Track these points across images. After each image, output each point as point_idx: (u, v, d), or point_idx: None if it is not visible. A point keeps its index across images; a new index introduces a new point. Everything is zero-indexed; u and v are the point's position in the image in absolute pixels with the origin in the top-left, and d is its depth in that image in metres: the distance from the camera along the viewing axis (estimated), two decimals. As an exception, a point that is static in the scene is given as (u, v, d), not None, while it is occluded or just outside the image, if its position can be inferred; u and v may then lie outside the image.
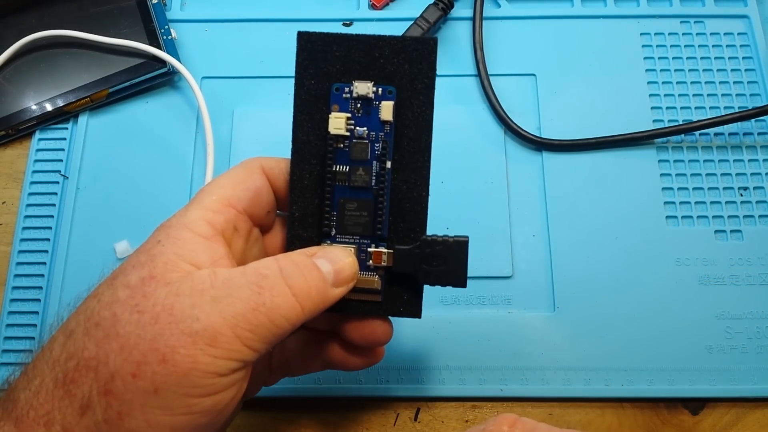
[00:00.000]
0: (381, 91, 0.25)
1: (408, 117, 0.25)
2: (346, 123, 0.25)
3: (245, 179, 0.25)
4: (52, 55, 0.41)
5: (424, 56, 0.25)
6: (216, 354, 0.20)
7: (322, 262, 0.23)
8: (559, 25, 0.43)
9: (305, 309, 0.22)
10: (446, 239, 0.25)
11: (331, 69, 0.25)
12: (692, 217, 0.38)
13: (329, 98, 0.25)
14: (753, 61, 0.41)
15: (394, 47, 0.25)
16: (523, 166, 0.39)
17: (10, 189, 0.39)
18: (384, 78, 0.25)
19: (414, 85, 0.25)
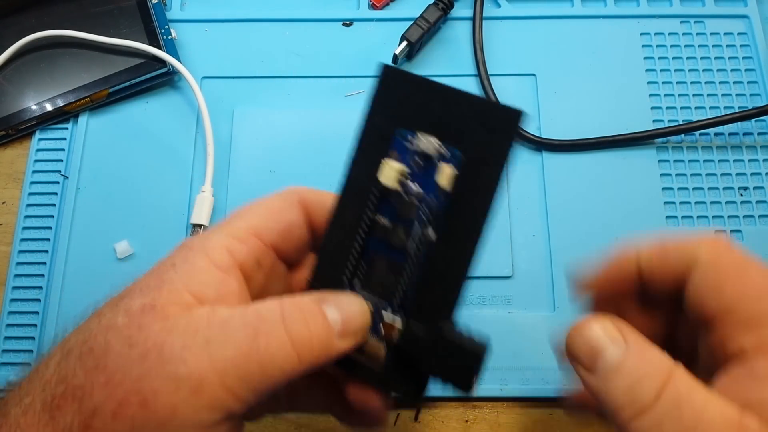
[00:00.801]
0: (446, 152, 0.21)
1: (469, 188, 0.22)
2: (399, 175, 0.22)
3: (280, 211, 0.23)
4: (52, 55, 0.41)
5: (504, 126, 0.21)
6: (199, 404, 0.19)
7: (331, 310, 0.21)
8: (559, 25, 0.43)
9: (303, 360, 0.20)
10: (463, 340, 0.22)
11: (403, 112, 0.22)
12: (692, 217, 0.38)
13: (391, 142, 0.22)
14: (753, 61, 0.41)
15: (475, 107, 0.21)
16: (523, 166, 0.39)
17: (10, 189, 0.39)
18: (454, 137, 0.21)
19: (484, 154, 0.21)
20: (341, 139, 0.40)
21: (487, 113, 0.21)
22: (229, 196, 0.38)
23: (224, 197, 0.38)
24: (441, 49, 0.42)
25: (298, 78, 0.41)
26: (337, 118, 0.40)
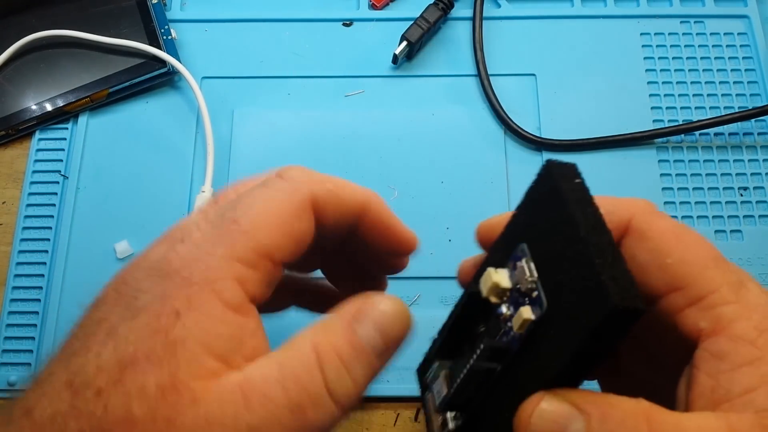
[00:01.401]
0: (534, 293, 0.18)
1: (540, 342, 0.18)
2: (495, 288, 0.19)
3: (292, 221, 0.19)
4: (52, 55, 0.41)
5: (591, 316, 0.16)
6: None
7: (366, 327, 0.19)
8: (559, 25, 0.43)
9: (346, 409, 0.18)
10: None
11: (539, 225, 0.19)
12: (692, 217, 0.38)
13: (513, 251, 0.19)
14: (753, 61, 0.41)
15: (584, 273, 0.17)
16: (523, 166, 0.39)
17: (10, 189, 0.39)
18: (552, 287, 0.18)
19: (569, 320, 0.17)
20: (341, 139, 0.40)
21: (588, 289, 0.17)
22: (229, 196, 0.38)
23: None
24: (441, 49, 0.42)
25: (298, 78, 0.41)
26: (337, 118, 0.40)
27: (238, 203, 0.19)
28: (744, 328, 0.17)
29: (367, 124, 0.40)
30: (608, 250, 0.17)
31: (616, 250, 0.17)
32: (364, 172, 0.39)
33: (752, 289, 0.18)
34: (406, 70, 0.42)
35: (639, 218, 0.19)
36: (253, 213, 0.19)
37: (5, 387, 0.35)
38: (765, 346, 0.17)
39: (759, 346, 0.17)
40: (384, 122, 0.40)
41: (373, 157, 0.39)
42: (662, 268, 0.18)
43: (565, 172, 0.19)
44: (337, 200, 0.20)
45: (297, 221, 0.19)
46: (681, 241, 0.19)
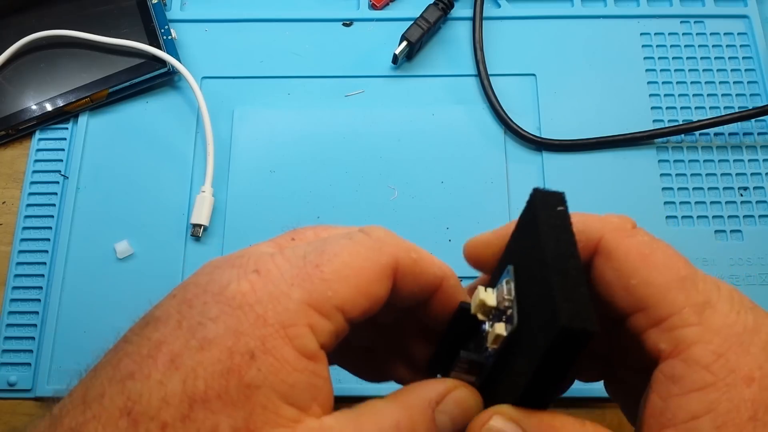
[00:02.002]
0: (508, 312, 0.19)
1: (515, 360, 0.19)
2: (481, 307, 0.20)
3: (372, 281, 0.19)
4: (52, 55, 0.41)
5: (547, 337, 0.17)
6: None
7: (444, 417, 0.19)
8: (559, 25, 0.43)
9: None
10: None
11: (524, 250, 0.20)
12: (692, 217, 0.38)
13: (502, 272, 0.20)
14: (753, 61, 0.41)
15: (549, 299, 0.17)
16: (523, 166, 0.39)
17: (10, 189, 0.39)
18: (526, 309, 0.18)
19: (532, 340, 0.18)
20: (341, 139, 0.40)
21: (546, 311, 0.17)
22: (229, 196, 0.38)
23: (224, 197, 0.38)
24: (441, 49, 0.42)
25: (298, 78, 0.41)
26: (337, 118, 0.40)
27: (323, 249, 0.19)
28: (701, 352, 0.17)
29: (367, 124, 0.40)
30: (571, 274, 0.17)
31: (580, 274, 0.17)
32: (364, 172, 0.39)
33: (720, 309, 0.18)
34: (406, 70, 0.42)
35: (608, 237, 0.19)
36: (337, 263, 0.18)
37: (5, 387, 0.35)
38: (720, 371, 0.17)
39: (713, 371, 0.17)
40: (384, 122, 0.40)
41: (373, 157, 0.39)
42: (626, 288, 0.18)
43: (548, 200, 0.19)
44: (419, 271, 0.20)
45: (377, 283, 0.19)
46: (647, 261, 0.18)
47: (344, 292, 0.18)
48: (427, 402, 0.19)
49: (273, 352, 0.17)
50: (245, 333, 0.17)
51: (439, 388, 0.19)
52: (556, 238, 0.18)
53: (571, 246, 0.18)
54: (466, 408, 0.19)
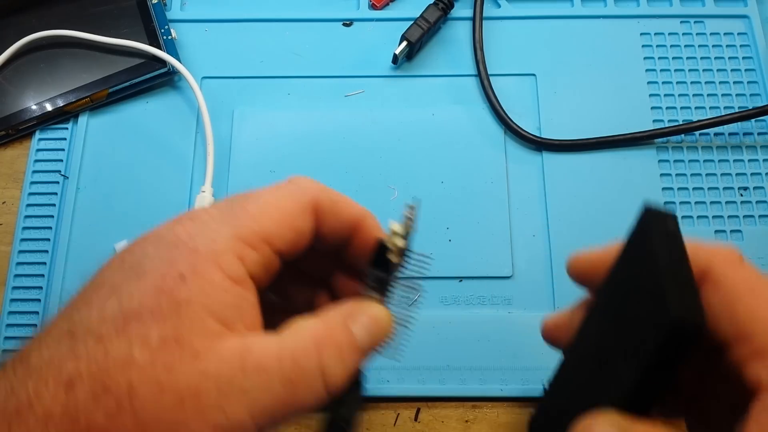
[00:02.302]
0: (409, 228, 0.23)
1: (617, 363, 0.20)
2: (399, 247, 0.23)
3: (293, 216, 0.21)
4: (52, 55, 0.41)
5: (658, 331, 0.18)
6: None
7: (358, 326, 0.21)
8: (559, 25, 0.43)
9: (333, 394, 0.20)
10: None
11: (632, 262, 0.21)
12: (692, 217, 0.38)
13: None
14: (753, 61, 0.41)
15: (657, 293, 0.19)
16: (523, 166, 0.39)
17: (10, 189, 0.39)
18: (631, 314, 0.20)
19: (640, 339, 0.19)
20: (341, 139, 0.40)
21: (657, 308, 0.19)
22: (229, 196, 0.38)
23: (224, 197, 0.38)
24: (441, 49, 0.42)
25: (298, 78, 0.41)
26: (337, 118, 0.40)
27: (248, 195, 0.21)
28: None
29: (367, 124, 0.40)
30: (683, 278, 0.19)
31: (691, 278, 0.19)
32: (364, 172, 0.39)
33: None
34: (406, 70, 0.42)
35: (717, 267, 0.20)
36: (260, 203, 0.21)
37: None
38: None
39: None
40: (384, 122, 0.40)
41: (373, 157, 0.39)
42: (732, 317, 0.19)
43: (658, 216, 0.21)
44: (336, 209, 0.22)
45: (299, 218, 0.21)
46: (755, 293, 0.19)
47: (269, 225, 0.20)
48: (342, 316, 0.21)
49: (203, 274, 0.19)
50: (178, 261, 0.19)
51: (352, 304, 0.21)
52: (668, 249, 0.20)
53: (682, 256, 0.20)
54: (378, 320, 0.21)
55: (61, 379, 0.17)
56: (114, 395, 0.17)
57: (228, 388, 0.18)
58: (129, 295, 0.18)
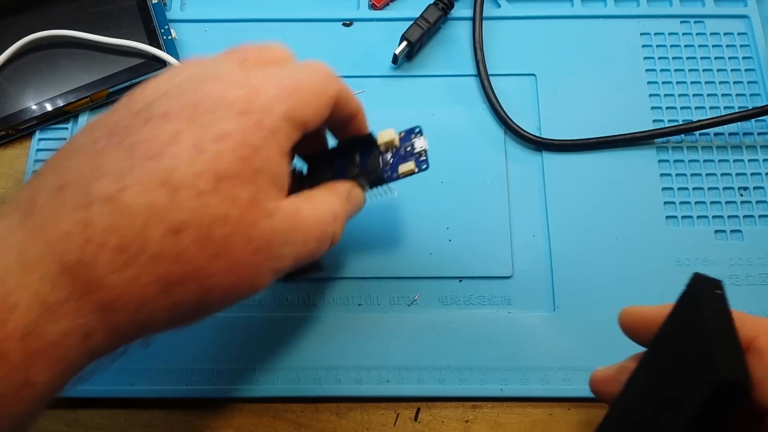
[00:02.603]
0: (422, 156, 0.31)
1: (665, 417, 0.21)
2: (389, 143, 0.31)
3: (325, 108, 0.25)
4: (52, 55, 0.41)
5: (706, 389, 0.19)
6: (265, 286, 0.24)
7: (350, 206, 0.29)
8: (559, 25, 0.43)
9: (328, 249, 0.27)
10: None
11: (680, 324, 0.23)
12: (692, 217, 0.38)
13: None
14: (753, 61, 0.41)
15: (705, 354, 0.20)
16: (523, 166, 0.39)
17: (10, 189, 0.39)
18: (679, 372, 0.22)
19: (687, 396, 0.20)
20: (341, 139, 0.40)
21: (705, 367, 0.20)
22: (229, 196, 0.38)
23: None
24: (441, 49, 0.42)
25: (298, 78, 0.41)
26: (337, 118, 0.40)
27: (295, 77, 0.25)
28: None
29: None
30: (730, 341, 0.20)
31: (737, 342, 0.21)
32: (364, 172, 0.39)
33: None
34: (406, 70, 0.42)
35: (763, 338, 0.21)
36: (306, 89, 0.25)
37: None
38: None
39: None
40: (384, 122, 0.40)
41: (373, 157, 0.39)
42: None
43: (708, 284, 0.23)
44: (347, 101, 0.28)
45: (326, 107, 0.26)
46: None
47: (309, 111, 0.24)
48: (345, 194, 0.28)
49: (267, 149, 0.23)
50: (249, 133, 0.22)
51: (349, 185, 0.29)
52: (716, 313, 0.21)
53: (729, 321, 0.21)
54: (360, 199, 0.30)
55: (168, 226, 0.21)
56: (214, 243, 0.21)
57: (286, 240, 0.24)
58: (217, 155, 0.22)
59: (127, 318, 0.21)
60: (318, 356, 0.35)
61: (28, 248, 0.20)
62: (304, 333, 0.35)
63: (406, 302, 0.36)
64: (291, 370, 0.34)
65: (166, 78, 0.25)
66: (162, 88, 0.24)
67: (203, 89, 0.23)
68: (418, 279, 0.36)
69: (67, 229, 0.20)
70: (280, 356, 0.35)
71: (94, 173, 0.21)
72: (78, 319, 0.20)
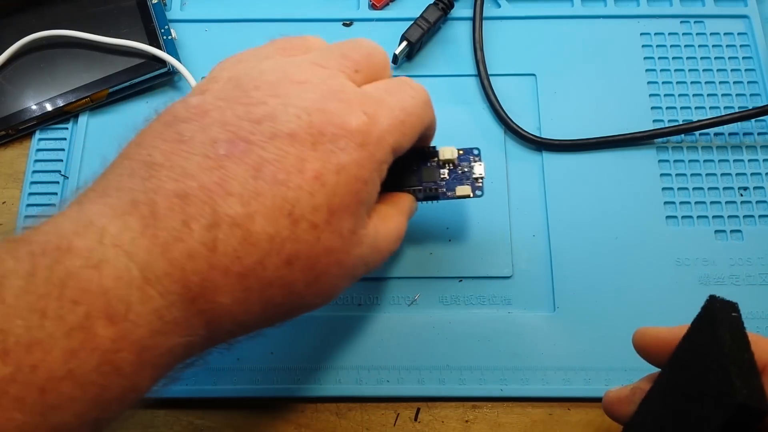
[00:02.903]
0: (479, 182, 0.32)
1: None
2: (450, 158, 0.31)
3: (417, 136, 0.27)
4: (52, 55, 0.41)
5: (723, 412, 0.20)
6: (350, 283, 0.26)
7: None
8: (559, 25, 0.43)
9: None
10: None
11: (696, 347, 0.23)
12: (692, 217, 0.38)
13: None
14: (753, 61, 0.41)
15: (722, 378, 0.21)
16: (523, 166, 0.39)
17: (10, 189, 0.39)
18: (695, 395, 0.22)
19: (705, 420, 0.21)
20: (341, 139, 0.40)
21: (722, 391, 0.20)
22: (229, 196, 0.38)
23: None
24: (441, 49, 0.42)
25: (298, 78, 0.41)
26: (337, 118, 0.40)
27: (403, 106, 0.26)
28: None
29: (367, 124, 0.40)
30: (747, 365, 0.21)
31: (753, 366, 0.21)
32: (364, 172, 0.39)
33: None
34: (406, 70, 0.42)
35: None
36: (412, 120, 0.26)
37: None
38: None
39: None
40: (384, 122, 0.40)
41: (373, 157, 0.39)
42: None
43: (724, 307, 0.23)
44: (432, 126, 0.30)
45: (419, 134, 0.27)
46: None
47: (408, 141, 0.26)
48: (409, 211, 0.30)
49: (373, 181, 0.24)
50: (363, 166, 0.23)
51: (410, 200, 0.30)
52: (733, 336, 0.22)
53: (745, 343, 0.21)
54: (414, 213, 0.31)
55: (285, 258, 0.22)
56: (316, 273, 0.23)
57: (365, 263, 0.25)
58: (334, 189, 0.22)
59: (227, 332, 0.23)
60: (318, 356, 0.35)
61: (152, 262, 0.20)
62: (303, 333, 0.35)
63: (406, 302, 0.36)
64: (291, 371, 0.34)
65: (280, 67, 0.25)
66: (279, 83, 0.24)
67: (328, 110, 0.23)
68: (418, 279, 0.36)
69: (192, 249, 0.20)
70: (280, 356, 0.35)
71: (220, 189, 0.21)
72: (188, 336, 0.21)
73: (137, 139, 0.25)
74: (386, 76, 0.27)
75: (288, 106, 0.23)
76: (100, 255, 0.19)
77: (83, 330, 0.18)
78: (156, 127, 0.24)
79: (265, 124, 0.22)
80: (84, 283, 0.19)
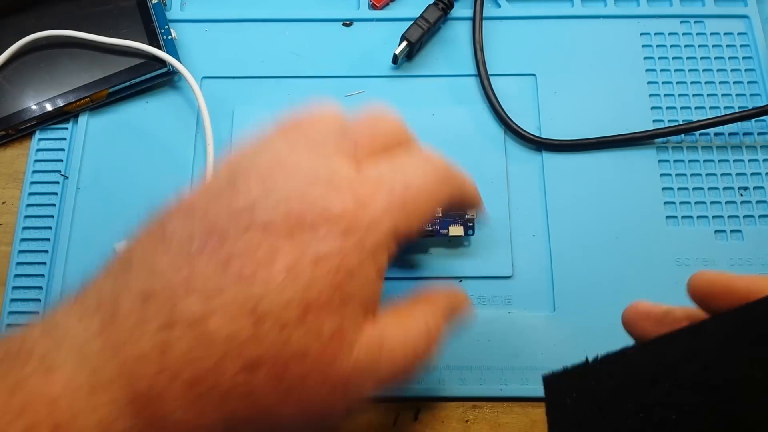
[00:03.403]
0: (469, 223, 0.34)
1: None
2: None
3: (430, 215, 0.23)
4: (52, 55, 0.41)
5: None
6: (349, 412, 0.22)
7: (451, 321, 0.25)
8: (559, 25, 0.43)
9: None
10: None
11: None
12: (692, 217, 0.38)
13: None
14: (753, 61, 0.41)
15: None
16: (523, 166, 0.39)
17: (10, 189, 0.39)
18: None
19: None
20: (341, 139, 0.40)
21: None
22: (229, 196, 0.38)
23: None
24: (441, 49, 0.42)
25: (298, 78, 0.41)
26: (337, 118, 0.40)
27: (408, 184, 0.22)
28: None
29: (367, 124, 0.40)
30: None
31: None
32: (364, 172, 0.39)
33: None
34: (406, 70, 0.42)
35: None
36: (420, 201, 0.22)
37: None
38: None
39: None
40: (384, 122, 0.40)
41: (373, 157, 0.39)
42: None
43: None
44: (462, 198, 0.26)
45: (434, 211, 0.24)
46: None
47: (416, 224, 0.22)
48: (445, 306, 0.25)
49: (364, 272, 0.21)
50: (348, 255, 0.20)
51: (447, 296, 0.25)
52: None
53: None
54: (464, 307, 0.26)
55: (244, 362, 0.19)
56: (288, 382, 0.19)
57: (368, 376, 0.21)
58: (309, 282, 0.19)
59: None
60: (318, 356, 0.35)
61: (103, 366, 0.19)
62: (304, 333, 0.35)
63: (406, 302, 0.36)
64: (291, 370, 0.34)
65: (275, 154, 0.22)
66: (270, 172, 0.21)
67: (310, 196, 0.21)
68: (418, 279, 0.36)
69: (144, 351, 0.19)
70: (280, 356, 0.35)
71: (183, 286, 0.19)
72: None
73: (134, 235, 0.23)
74: (401, 143, 0.25)
75: (269, 195, 0.20)
76: (54, 358, 0.18)
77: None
78: (150, 222, 0.23)
79: (243, 215, 0.20)
80: (33, 389, 0.18)
